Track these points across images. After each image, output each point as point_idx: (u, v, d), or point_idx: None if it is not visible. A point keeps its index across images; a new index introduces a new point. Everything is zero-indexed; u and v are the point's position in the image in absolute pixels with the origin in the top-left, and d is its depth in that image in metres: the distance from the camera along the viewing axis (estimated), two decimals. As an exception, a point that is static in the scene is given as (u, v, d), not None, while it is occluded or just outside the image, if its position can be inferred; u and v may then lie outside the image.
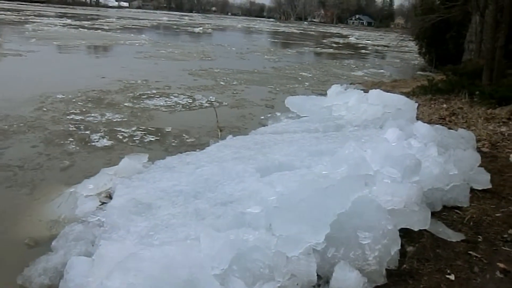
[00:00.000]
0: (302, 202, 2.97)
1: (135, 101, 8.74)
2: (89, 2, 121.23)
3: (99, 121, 7.11)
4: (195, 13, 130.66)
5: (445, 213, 4.03)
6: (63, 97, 8.56)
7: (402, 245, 3.21)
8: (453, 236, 3.59)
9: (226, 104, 9.28)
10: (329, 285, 2.77)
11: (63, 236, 3.37)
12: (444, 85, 10.14)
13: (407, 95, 9.81)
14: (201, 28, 44.50)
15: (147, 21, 52.08)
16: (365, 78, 15.56)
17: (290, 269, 2.68)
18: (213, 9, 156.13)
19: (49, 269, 2.98)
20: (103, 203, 4.00)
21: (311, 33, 58.03)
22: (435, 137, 5.15)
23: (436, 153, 4.47)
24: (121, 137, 6.35)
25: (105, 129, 6.67)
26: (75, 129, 6.58)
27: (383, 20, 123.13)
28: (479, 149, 5.86)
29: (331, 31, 69.96)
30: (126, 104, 8.46)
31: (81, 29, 29.12)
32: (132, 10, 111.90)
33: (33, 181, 4.66)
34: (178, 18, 73.32)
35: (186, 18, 77.28)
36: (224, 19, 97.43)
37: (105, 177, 4.51)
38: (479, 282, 3.02)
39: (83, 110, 7.72)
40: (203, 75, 13.30)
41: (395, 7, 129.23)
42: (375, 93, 8.17)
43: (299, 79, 14.14)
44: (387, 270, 2.99)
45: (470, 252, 3.37)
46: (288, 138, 6.01)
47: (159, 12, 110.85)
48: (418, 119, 7.05)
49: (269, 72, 15.39)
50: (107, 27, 33.78)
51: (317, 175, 3.80)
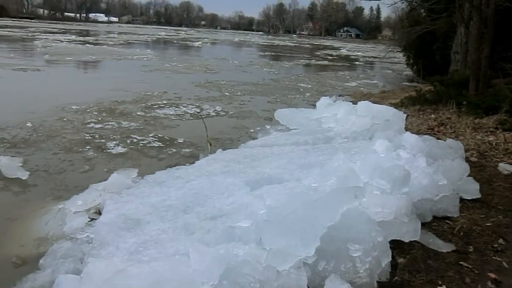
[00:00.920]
0: (291, 215, 2.95)
1: (146, 110, 9.41)
2: (79, 17, 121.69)
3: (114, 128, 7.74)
4: (185, 27, 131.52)
5: (435, 224, 4.03)
6: (84, 107, 9.20)
7: (393, 256, 3.19)
8: (443, 246, 3.59)
9: (231, 113, 9.89)
10: (320, 299, 2.75)
11: (51, 253, 3.31)
12: (432, 95, 10.25)
13: (396, 106, 9.90)
14: (200, 42, 45.90)
15: (146, 36, 53.29)
16: (361, 88, 16.31)
17: (280, 283, 2.66)
18: (203, 23, 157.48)
19: (36, 289, 2.91)
20: (92, 219, 3.94)
21: (305, 46, 59.17)
22: (423, 147, 5.18)
23: (425, 163, 4.48)
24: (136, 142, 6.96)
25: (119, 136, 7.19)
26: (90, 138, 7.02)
27: (370, 32, 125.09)
28: (467, 159, 5.90)
29: (324, 43, 71.29)
30: (139, 113, 9.11)
31: (87, 45, 29.85)
32: (122, 25, 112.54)
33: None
34: (174, 32, 74.92)
35: (182, 32, 79.47)
36: (216, 33, 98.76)
37: (94, 192, 4.45)
38: (470, 292, 3.02)
39: (99, 119, 8.33)
40: (209, 86, 14.00)
41: (382, 19, 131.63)
42: (363, 104, 8.20)
43: (301, 90, 14.80)
44: (378, 282, 2.97)
45: (461, 262, 3.37)
46: (277, 151, 6.00)
47: (149, 26, 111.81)
48: (406, 129, 7.06)
49: (270, 83, 16.06)
50: (111, 43, 34.51)
51: (306, 188, 3.77)
